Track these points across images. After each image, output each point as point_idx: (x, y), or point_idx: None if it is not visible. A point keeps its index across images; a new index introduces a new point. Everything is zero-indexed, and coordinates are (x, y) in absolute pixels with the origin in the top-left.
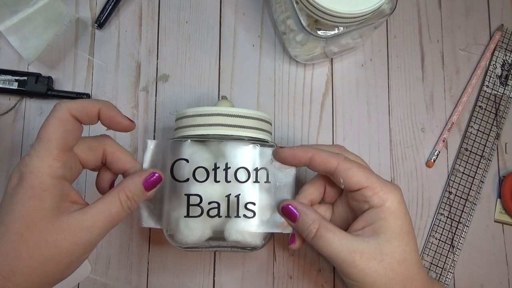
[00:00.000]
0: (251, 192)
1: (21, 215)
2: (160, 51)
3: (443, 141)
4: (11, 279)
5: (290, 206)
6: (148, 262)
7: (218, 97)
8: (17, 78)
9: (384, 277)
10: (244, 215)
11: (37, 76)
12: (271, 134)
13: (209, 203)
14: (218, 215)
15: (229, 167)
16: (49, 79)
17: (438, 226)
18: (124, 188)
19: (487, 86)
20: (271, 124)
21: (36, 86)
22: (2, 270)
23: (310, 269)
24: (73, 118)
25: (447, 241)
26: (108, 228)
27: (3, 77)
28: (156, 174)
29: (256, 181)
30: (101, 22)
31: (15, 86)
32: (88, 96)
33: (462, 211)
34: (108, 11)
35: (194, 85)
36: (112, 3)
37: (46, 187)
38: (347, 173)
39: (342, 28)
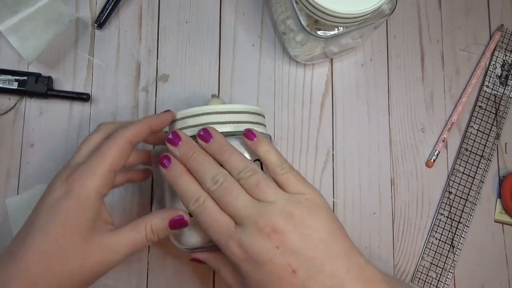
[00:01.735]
0: None
1: (63, 225)
2: (160, 51)
3: (443, 141)
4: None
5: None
6: (148, 262)
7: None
8: (17, 78)
9: None
10: None
11: (37, 76)
12: (264, 126)
13: None
14: None
15: None
16: (49, 79)
17: (438, 226)
18: (151, 221)
19: (487, 86)
20: (263, 116)
21: (36, 86)
22: (29, 277)
23: None
24: (131, 144)
25: (447, 241)
26: (129, 254)
27: (3, 77)
28: (182, 217)
29: None
30: (101, 22)
31: (15, 86)
32: (88, 96)
33: (462, 211)
34: (108, 11)
35: (194, 85)
36: (112, 3)
37: (90, 203)
38: None
39: (342, 28)
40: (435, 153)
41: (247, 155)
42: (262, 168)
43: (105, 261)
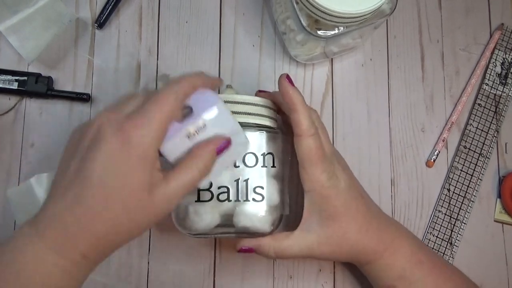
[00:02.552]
0: (259, 177)
1: (124, 182)
2: (160, 51)
3: (443, 141)
4: (104, 241)
5: (243, 248)
6: (148, 262)
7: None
8: (17, 78)
9: (335, 253)
10: (253, 199)
11: (37, 76)
12: (276, 121)
13: (219, 187)
14: (228, 199)
15: None
16: (49, 79)
17: (436, 223)
18: (200, 157)
19: (487, 84)
20: (276, 111)
21: (36, 86)
22: (100, 230)
23: (310, 269)
24: (186, 96)
25: (444, 238)
26: (183, 197)
27: (3, 77)
28: (225, 141)
29: (264, 165)
30: (101, 22)
31: (15, 86)
32: (88, 96)
33: (460, 208)
34: (108, 11)
35: None
36: (112, 3)
37: (150, 159)
38: (296, 145)
39: (342, 28)
40: (435, 153)
41: (256, 149)
42: (274, 161)
43: (163, 212)
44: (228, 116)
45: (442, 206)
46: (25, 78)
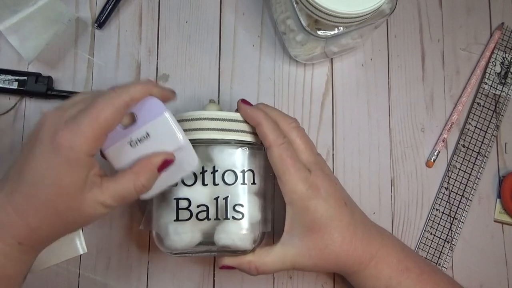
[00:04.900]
0: (239, 194)
1: (54, 185)
2: (160, 51)
3: (443, 141)
4: (38, 232)
5: (225, 265)
6: (148, 262)
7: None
8: (17, 78)
9: (318, 266)
10: (233, 217)
11: (37, 76)
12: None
13: (198, 206)
14: (207, 218)
15: (217, 170)
16: (49, 79)
17: (433, 221)
18: (140, 173)
19: (486, 83)
20: None
21: (36, 86)
22: (32, 222)
23: None
24: (127, 107)
25: (441, 237)
26: (119, 205)
27: (3, 77)
28: (165, 159)
29: (244, 183)
30: (101, 22)
31: (15, 86)
32: None
33: (458, 207)
34: (108, 11)
35: (194, 85)
36: (112, 3)
37: (81, 163)
38: (269, 158)
39: (342, 28)
40: (435, 153)
41: (237, 165)
42: (254, 178)
43: (95, 215)
44: (175, 129)
45: (439, 205)
46: (25, 78)
